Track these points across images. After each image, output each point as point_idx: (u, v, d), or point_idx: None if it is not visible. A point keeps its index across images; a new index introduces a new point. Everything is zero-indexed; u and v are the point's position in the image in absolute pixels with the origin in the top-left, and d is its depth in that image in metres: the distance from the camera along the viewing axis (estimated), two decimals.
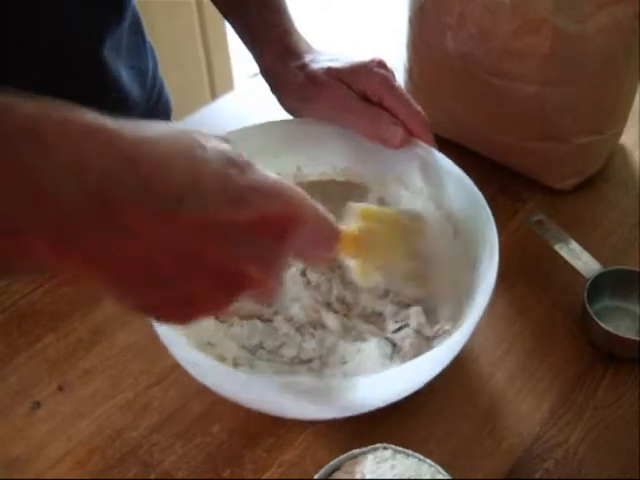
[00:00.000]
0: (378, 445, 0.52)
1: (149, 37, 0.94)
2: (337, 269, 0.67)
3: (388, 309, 0.64)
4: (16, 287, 0.69)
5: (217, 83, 1.97)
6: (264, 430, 0.59)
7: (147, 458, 0.57)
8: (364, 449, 0.52)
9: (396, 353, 0.61)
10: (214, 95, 1.97)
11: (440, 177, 0.63)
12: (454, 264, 0.61)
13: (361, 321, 0.64)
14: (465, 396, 0.61)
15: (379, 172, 0.69)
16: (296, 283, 0.66)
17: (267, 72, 0.71)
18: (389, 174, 0.68)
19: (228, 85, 1.98)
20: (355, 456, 0.52)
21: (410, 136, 0.64)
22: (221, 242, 0.38)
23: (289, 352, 0.62)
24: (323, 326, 0.64)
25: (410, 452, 0.51)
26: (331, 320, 0.63)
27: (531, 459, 0.56)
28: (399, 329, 0.62)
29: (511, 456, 0.57)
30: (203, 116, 0.93)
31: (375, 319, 0.64)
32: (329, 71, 0.66)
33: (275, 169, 0.70)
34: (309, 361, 0.62)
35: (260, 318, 0.64)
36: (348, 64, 0.66)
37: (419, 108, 0.64)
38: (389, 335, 0.62)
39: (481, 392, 0.61)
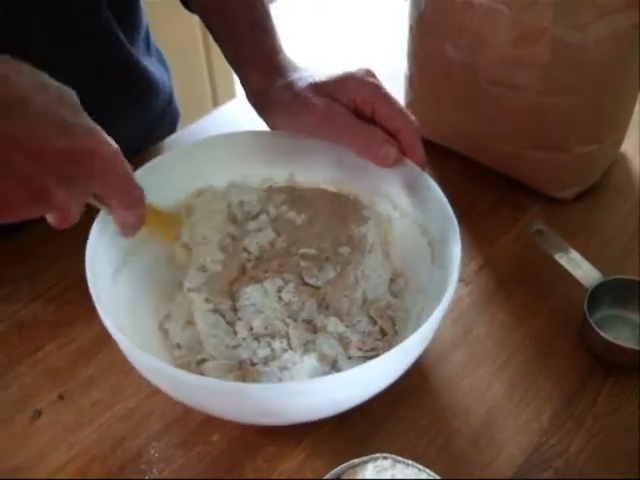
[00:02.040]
0: (378, 455, 0.52)
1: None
2: (317, 295, 0.67)
3: (356, 337, 0.63)
4: (17, 296, 0.70)
5: (219, 91, 1.97)
6: (264, 439, 0.59)
7: (148, 467, 0.57)
8: (364, 458, 0.52)
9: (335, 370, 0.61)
10: (216, 103, 1.97)
11: (425, 201, 0.63)
12: (427, 290, 0.61)
13: (325, 340, 0.63)
14: (465, 406, 0.61)
15: (369, 188, 0.69)
16: (268, 297, 0.65)
17: (253, 94, 0.71)
18: (379, 191, 0.68)
19: (230, 93, 1.98)
20: (355, 466, 0.52)
21: (403, 155, 0.63)
22: (35, 160, 0.45)
23: (244, 354, 0.62)
24: (282, 337, 0.63)
25: (410, 462, 0.51)
26: (295, 333, 0.63)
27: (531, 468, 0.56)
28: (364, 357, 0.62)
29: (511, 466, 0.57)
30: (205, 124, 0.94)
31: (341, 342, 0.64)
32: (316, 87, 0.65)
33: (267, 176, 0.71)
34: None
35: (222, 315, 0.65)
36: (335, 77, 0.65)
37: (413, 117, 0.64)
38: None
39: (481, 402, 0.61)
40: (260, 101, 0.70)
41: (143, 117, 0.91)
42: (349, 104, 0.64)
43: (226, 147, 0.69)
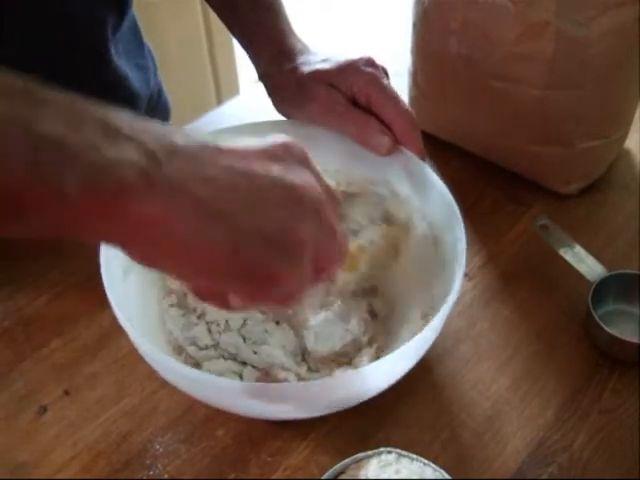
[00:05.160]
0: (382, 449, 0.52)
1: (151, 41, 0.95)
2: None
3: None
4: (22, 293, 0.70)
5: (223, 88, 1.98)
6: (269, 434, 0.59)
7: (153, 462, 0.58)
8: (368, 453, 0.52)
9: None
10: (220, 100, 1.98)
11: (425, 187, 0.63)
12: (431, 274, 0.62)
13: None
14: (469, 400, 0.61)
15: (370, 177, 0.69)
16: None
17: (263, 76, 0.71)
18: (379, 179, 0.68)
19: (234, 90, 1.98)
20: (359, 460, 0.52)
21: (398, 144, 0.64)
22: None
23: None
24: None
25: (414, 456, 0.51)
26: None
27: (535, 463, 0.56)
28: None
29: (515, 460, 0.57)
30: (208, 121, 0.94)
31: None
32: (317, 74, 0.65)
33: None
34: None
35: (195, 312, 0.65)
36: (336, 65, 0.65)
37: (408, 107, 0.64)
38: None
39: (485, 396, 0.61)
40: (268, 83, 0.71)
41: None
42: (347, 93, 0.64)
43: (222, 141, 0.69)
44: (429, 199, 0.63)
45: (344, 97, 0.64)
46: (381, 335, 0.64)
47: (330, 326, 0.63)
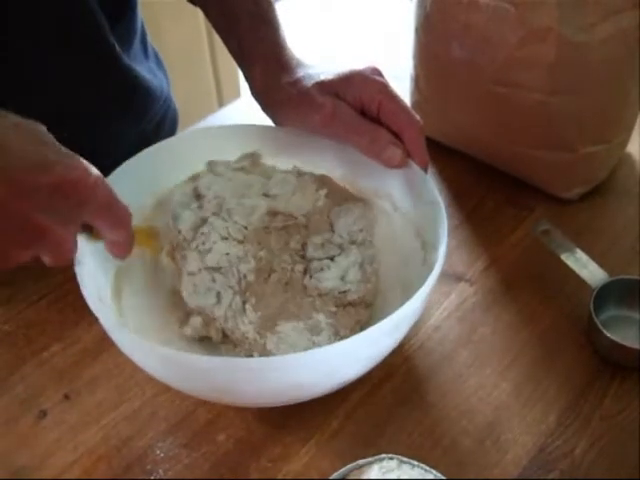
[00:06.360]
0: (383, 455, 0.52)
1: (152, 43, 0.95)
2: None
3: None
4: (22, 296, 0.70)
5: (224, 91, 1.98)
6: (270, 440, 0.59)
7: (153, 467, 0.58)
8: (370, 459, 0.52)
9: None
10: (221, 103, 1.98)
11: (424, 204, 0.62)
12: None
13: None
14: (470, 406, 0.61)
15: (372, 186, 0.68)
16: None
17: (258, 90, 0.70)
18: (381, 190, 0.68)
19: (235, 93, 1.98)
20: (360, 466, 0.52)
21: (408, 156, 0.63)
22: (25, 198, 0.45)
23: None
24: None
25: (415, 462, 0.51)
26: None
27: (537, 469, 0.56)
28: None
29: (516, 466, 0.57)
30: (209, 124, 0.94)
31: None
32: (322, 86, 0.64)
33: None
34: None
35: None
36: (342, 75, 0.64)
37: (417, 117, 0.63)
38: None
39: (486, 402, 0.61)
40: (265, 97, 0.69)
41: (140, 127, 0.90)
42: (355, 102, 0.63)
43: (229, 138, 0.70)
44: (426, 214, 0.62)
45: (351, 107, 0.63)
46: None
47: (296, 334, 0.62)
